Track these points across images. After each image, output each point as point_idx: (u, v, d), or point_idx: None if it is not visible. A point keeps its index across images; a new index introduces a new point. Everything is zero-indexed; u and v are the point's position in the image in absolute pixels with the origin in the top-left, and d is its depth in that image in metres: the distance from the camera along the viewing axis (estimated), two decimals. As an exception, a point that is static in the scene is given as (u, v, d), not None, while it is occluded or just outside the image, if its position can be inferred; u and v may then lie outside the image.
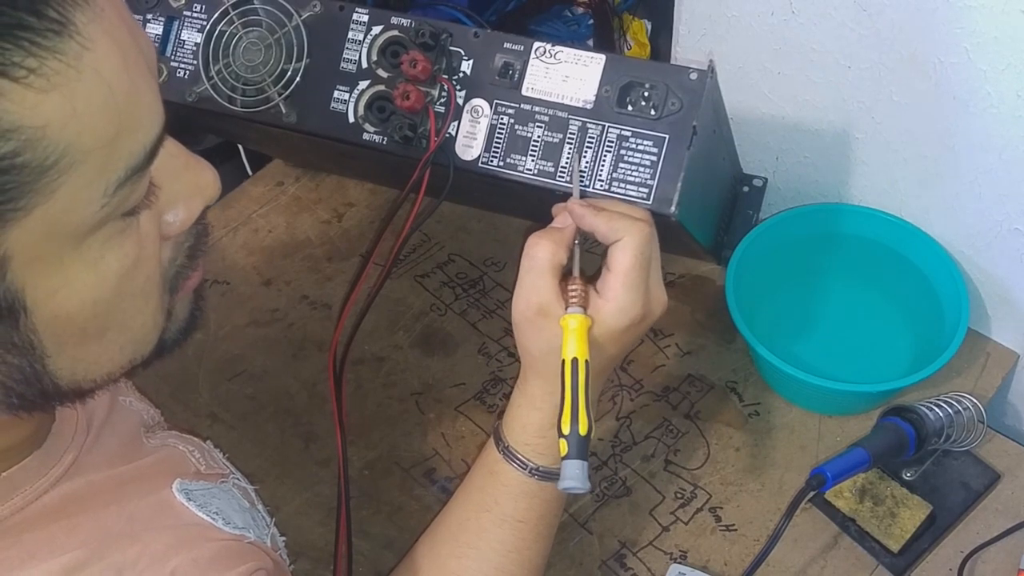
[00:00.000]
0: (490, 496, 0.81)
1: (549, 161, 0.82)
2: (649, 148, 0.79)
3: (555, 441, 0.75)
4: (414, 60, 0.82)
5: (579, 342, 0.73)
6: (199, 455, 0.76)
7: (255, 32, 0.86)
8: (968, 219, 1.05)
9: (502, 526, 0.80)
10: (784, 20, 1.03)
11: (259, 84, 0.86)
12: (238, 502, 0.74)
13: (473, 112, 0.83)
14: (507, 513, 0.80)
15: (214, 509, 0.70)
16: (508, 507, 0.80)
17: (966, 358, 1.09)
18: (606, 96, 0.80)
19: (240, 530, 0.70)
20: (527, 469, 0.79)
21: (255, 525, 0.73)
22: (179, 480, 0.70)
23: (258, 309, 1.21)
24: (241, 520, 0.71)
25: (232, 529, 0.69)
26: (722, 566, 0.99)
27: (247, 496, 0.77)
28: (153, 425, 0.79)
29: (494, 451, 0.81)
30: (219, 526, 0.68)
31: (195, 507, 0.69)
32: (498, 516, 0.80)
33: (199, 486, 0.72)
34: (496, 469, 0.80)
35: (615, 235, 0.74)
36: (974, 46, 0.92)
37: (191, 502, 0.69)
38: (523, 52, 0.82)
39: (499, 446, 0.80)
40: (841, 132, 1.08)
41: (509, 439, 0.80)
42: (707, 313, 1.16)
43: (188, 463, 0.74)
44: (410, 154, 0.84)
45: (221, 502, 0.71)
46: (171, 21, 0.89)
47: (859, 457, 0.94)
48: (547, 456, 0.79)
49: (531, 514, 0.80)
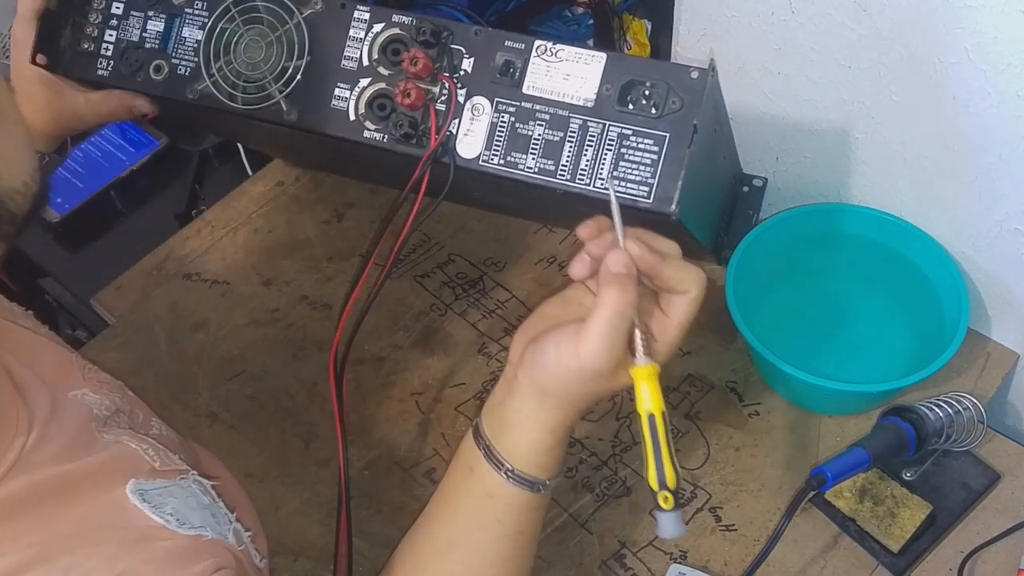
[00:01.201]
0: (490, 517, 0.78)
1: (550, 159, 0.82)
2: (650, 147, 0.79)
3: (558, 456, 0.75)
4: (415, 58, 0.82)
5: (656, 394, 0.70)
6: (153, 453, 0.74)
7: (256, 29, 0.86)
8: (968, 219, 1.05)
9: (502, 540, 0.79)
10: (784, 20, 1.03)
11: (260, 82, 0.86)
12: (196, 499, 0.73)
13: (474, 110, 0.83)
14: (510, 528, 0.78)
15: (169, 510, 0.68)
16: (511, 523, 0.78)
17: (966, 358, 1.09)
18: (607, 94, 0.80)
19: (197, 529, 0.68)
20: (535, 486, 0.77)
21: (215, 522, 0.72)
22: (133, 481, 0.68)
23: (258, 309, 1.21)
24: (199, 518, 0.70)
25: (187, 530, 0.68)
26: (722, 566, 0.99)
27: (207, 493, 0.75)
28: (109, 416, 0.77)
29: (492, 474, 0.76)
30: (172, 528, 0.67)
31: (149, 509, 0.67)
32: (499, 533, 0.78)
33: (155, 485, 0.70)
34: (497, 492, 0.77)
35: (682, 287, 0.72)
36: (974, 46, 0.92)
37: (145, 503, 0.67)
38: (524, 50, 0.82)
39: (501, 470, 0.76)
40: (841, 132, 1.08)
41: (515, 463, 0.76)
42: (707, 313, 1.15)
43: (142, 461, 0.72)
44: (411, 152, 0.84)
45: (178, 501, 0.70)
46: (172, 18, 0.89)
47: (859, 457, 0.94)
48: (552, 468, 0.77)
49: (534, 524, 0.79)
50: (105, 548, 0.63)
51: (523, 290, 1.21)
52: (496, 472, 0.76)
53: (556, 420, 0.74)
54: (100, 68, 0.91)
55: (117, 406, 0.79)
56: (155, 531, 0.66)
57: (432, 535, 0.81)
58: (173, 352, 1.18)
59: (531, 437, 0.75)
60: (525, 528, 0.79)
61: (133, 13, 0.90)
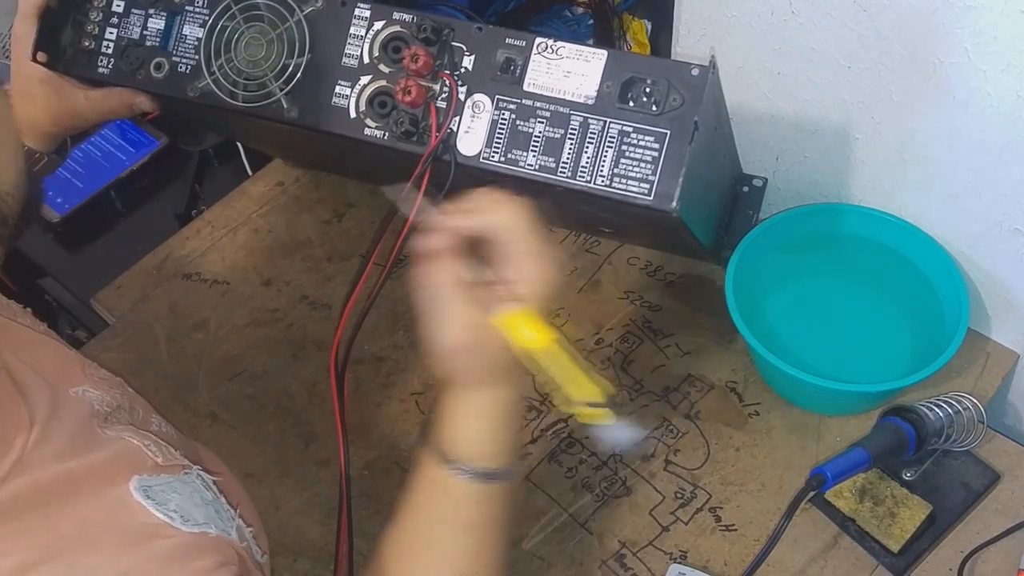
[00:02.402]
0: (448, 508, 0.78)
1: (551, 157, 0.81)
2: (650, 144, 0.79)
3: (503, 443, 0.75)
4: (416, 55, 0.82)
5: (536, 327, 0.71)
6: (155, 448, 0.74)
7: (257, 27, 0.86)
8: (968, 219, 1.05)
9: (467, 533, 0.78)
10: (784, 20, 1.03)
11: (261, 79, 0.86)
12: (200, 495, 0.73)
13: (475, 107, 0.83)
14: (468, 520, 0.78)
15: (173, 507, 0.68)
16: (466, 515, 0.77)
17: (966, 358, 1.09)
18: (608, 92, 0.80)
19: (201, 526, 0.68)
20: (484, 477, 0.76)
21: (219, 518, 0.72)
22: (137, 477, 0.68)
23: (258, 309, 1.21)
24: (203, 515, 0.70)
25: (191, 527, 0.68)
26: (722, 566, 0.99)
27: (210, 488, 0.75)
28: (110, 412, 0.77)
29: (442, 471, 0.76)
30: (176, 526, 0.67)
31: (152, 506, 0.67)
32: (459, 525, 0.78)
33: (159, 481, 0.70)
34: (450, 484, 0.76)
35: (493, 222, 0.71)
36: (974, 46, 0.92)
37: (149, 500, 0.67)
38: (525, 48, 0.82)
39: (450, 466, 0.76)
40: (841, 132, 1.09)
41: (457, 455, 0.76)
42: (707, 313, 1.16)
43: (144, 457, 0.72)
44: (411, 150, 0.84)
45: (182, 497, 0.70)
46: (173, 16, 0.89)
47: (859, 457, 0.94)
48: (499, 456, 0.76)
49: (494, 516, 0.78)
50: (109, 547, 0.63)
51: (523, 290, 1.21)
52: (444, 469, 0.76)
53: (477, 405, 0.75)
54: (101, 66, 0.91)
55: (118, 402, 0.79)
56: (159, 529, 0.66)
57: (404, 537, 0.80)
58: (173, 352, 1.18)
59: (463, 426, 0.75)
60: (484, 521, 0.78)
61: (134, 11, 0.90)
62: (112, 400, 0.78)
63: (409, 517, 0.79)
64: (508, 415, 0.76)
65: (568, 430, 1.09)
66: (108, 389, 0.80)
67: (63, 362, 0.80)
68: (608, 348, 1.15)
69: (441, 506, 0.78)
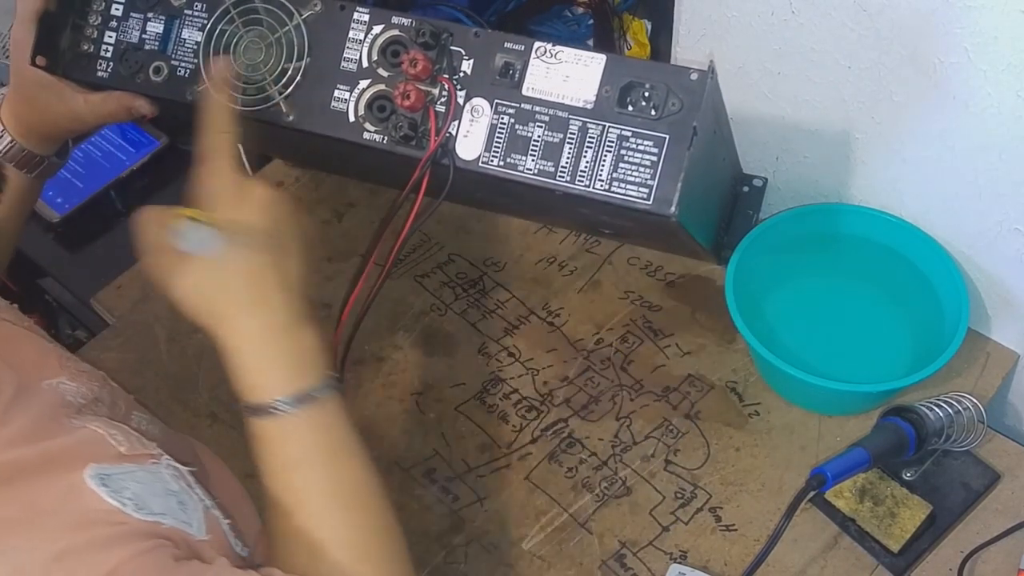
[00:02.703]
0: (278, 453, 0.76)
1: (550, 161, 0.81)
2: (649, 148, 0.79)
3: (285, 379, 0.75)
4: (415, 60, 0.82)
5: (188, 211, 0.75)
6: (121, 437, 0.72)
7: (256, 31, 0.86)
8: (968, 219, 1.05)
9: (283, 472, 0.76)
10: (784, 20, 1.03)
11: (260, 83, 0.86)
12: (164, 485, 0.71)
13: (473, 112, 0.83)
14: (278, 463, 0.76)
15: (128, 495, 0.67)
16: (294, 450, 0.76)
17: (966, 358, 1.09)
18: (606, 96, 0.80)
19: (155, 516, 0.67)
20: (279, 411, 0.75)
21: (180, 509, 0.70)
22: (94, 465, 0.67)
23: (258, 309, 1.21)
24: (161, 505, 0.68)
25: (144, 515, 0.66)
26: (722, 566, 0.99)
27: (180, 479, 0.74)
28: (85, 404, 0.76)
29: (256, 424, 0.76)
30: (128, 512, 0.65)
31: (107, 493, 0.66)
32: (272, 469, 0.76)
33: (119, 469, 0.69)
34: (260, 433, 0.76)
35: None
36: (974, 46, 0.92)
37: (104, 487, 0.66)
38: (524, 52, 0.82)
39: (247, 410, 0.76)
40: (841, 132, 1.08)
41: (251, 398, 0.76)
42: (707, 313, 1.17)
43: (107, 446, 0.71)
44: (410, 153, 0.84)
45: (141, 486, 0.69)
46: (172, 20, 0.89)
47: (859, 457, 0.94)
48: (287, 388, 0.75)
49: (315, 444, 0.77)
50: (50, 531, 0.62)
51: (523, 290, 1.21)
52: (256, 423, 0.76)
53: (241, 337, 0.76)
54: (100, 69, 0.91)
55: (95, 395, 0.79)
56: (108, 515, 0.65)
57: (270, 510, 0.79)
58: (173, 352, 1.18)
59: (237, 367, 0.76)
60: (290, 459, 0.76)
61: (133, 15, 0.90)
62: (88, 392, 0.78)
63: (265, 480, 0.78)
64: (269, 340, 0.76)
65: (568, 430, 1.09)
66: (86, 382, 0.79)
67: (40, 355, 0.79)
68: (608, 348, 1.15)
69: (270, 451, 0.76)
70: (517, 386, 1.13)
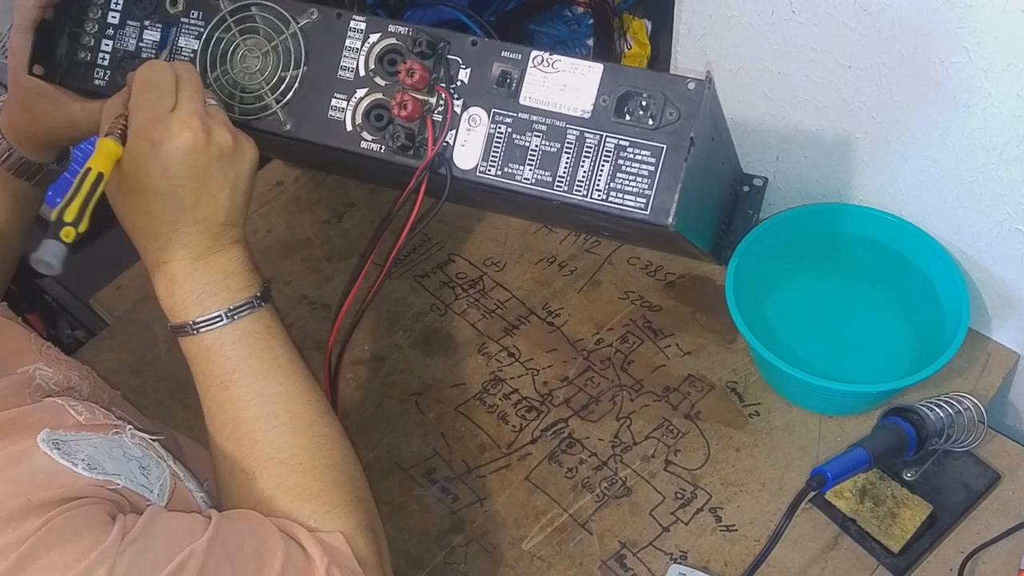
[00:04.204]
0: (209, 373, 0.79)
1: (547, 171, 0.81)
2: (647, 158, 0.79)
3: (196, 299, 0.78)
4: (411, 70, 0.81)
5: (101, 154, 0.75)
6: (82, 408, 0.73)
7: (252, 39, 0.86)
8: (968, 219, 1.05)
9: (212, 390, 0.79)
10: (784, 20, 1.02)
11: (257, 91, 0.86)
12: (123, 451, 0.71)
13: (471, 121, 0.83)
14: (213, 379, 0.79)
15: (81, 456, 0.67)
16: (219, 368, 0.78)
17: (967, 358, 1.09)
18: (604, 105, 0.80)
19: (108, 475, 0.67)
20: (204, 326, 0.78)
21: (143, 474, 0.71)
22: (48, 431, 0.68)
23: (258, 309, 1.21)
24: (116, 467, 0.69)
25: (96, 474, 0.66)
26: (722, 566, 0.99)
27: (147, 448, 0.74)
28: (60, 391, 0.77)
29: (183, 343, 0.80)
30: (79, 471, 0.66)
31: (59, 455, 0.66)
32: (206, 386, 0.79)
33: (74, 436, 0.69)
34: (191, 352, 0.79)
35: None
36: (974, 46, 0.91)
37: (56, 450, 0.66)
38: (521, 61, 0.82)
39: (178, 330, 0.79)
40: (841, 132, 1.08)
41: (179, 318, 0.79)
42: (707, 313, 1.16)
43: (65, 415, 0.72)
44: (408, 163, 0.84)
45: (96, 450, 0.69)
46: (168, 28, 0.88)
47: (860, 457, 0.94)
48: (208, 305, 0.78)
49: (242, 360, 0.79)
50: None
51: (523, 290, 1.21)
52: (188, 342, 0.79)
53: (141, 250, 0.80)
54: (97, 78, 0.91)
55: (72, 383, 0.79)
56: (54, 476, 0.65)
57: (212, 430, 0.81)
58: (173, 352, 1.18)
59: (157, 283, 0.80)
60: (217, 376, 0.79)
61: (129, 23, 0.90)
62: (65, 380, 0.79)
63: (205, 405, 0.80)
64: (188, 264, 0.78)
65: (568, 430, 1.09)
66: (64, 371, 0.80)
67: (18, 344, 0.81)
68: (608, 348, 1.15)
69: (201, 372, 0.79)
70: (517, 386, 1.13)
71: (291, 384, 0.80)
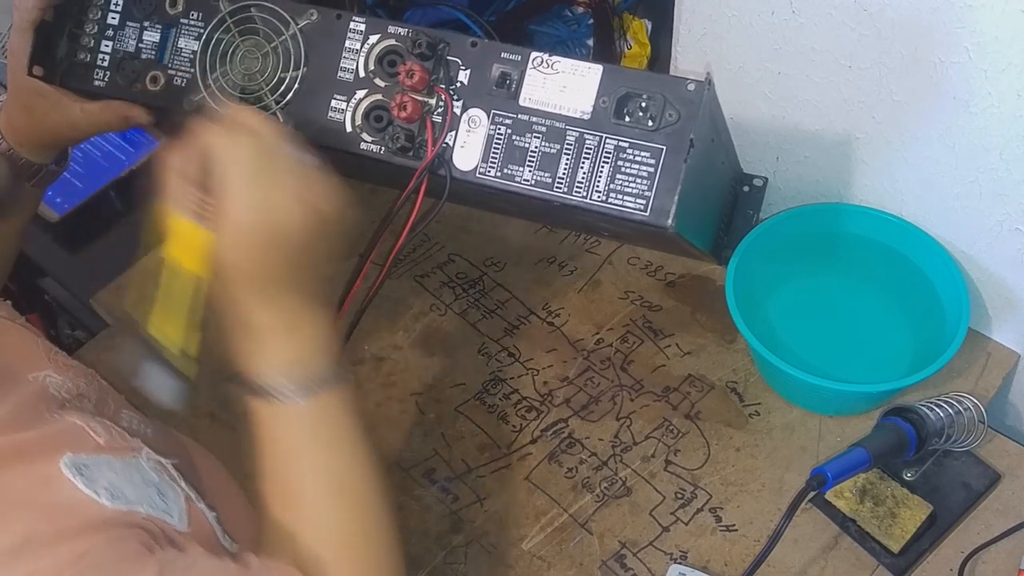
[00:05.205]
0: (276, 437, 0.75)
1: (547, 172, 0.81)
2: (646, 159, 0.79)
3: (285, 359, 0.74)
4: (411, 71, 0.81)
5: (189, 247, 0.71)
6: (101, 430, 0.72)
7: (252, 40, 0.86)
8: (969, 219, 1.05)
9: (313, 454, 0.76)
10: (784, 20, 1.02)
11: (256, 92, 0.86)
12: (142, 475, 0.71)
13: (470, 122, 0.83)
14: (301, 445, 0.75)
15: (103, 484, 0.66)
16: (295, 439, 0.75)
17: (967, 358, 1.09)
18: (603, 107, 0.80)
19: (130, 504, 0.66)
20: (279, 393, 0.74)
21: (160, 500, 0.69)
22: (70, 454, 0.67)
23: (259, 309, 1.21)
24: (136, 494, 0.68)
25: (119, 504, 0.65)
26: (722, 566, 0.99)
27: (162, 471, 0.73)
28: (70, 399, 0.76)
29: (256, 404, 0.75)
30: (102, 501, 0.65)
31: (82, 482, 0.65)
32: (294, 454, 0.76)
33: (96, 460, 0.68)
34: (264, 415, 0.75)
35: (205, 145, 0.71)
36: (974, 46, 0.91)
37: (80, 477, 0.65)
38: (520, 62, 0.81)
39: (257, 394, 0.75)
40: (841, 132, 1.08)
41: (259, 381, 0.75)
42: (707, 313, 1.16)
43: (85, 438, 0.71)
44: (407, 164, 0.84)
45: (118, 476, 0.68)
46: (168, 29, 0.88)
47: (860, 457, 0.94)
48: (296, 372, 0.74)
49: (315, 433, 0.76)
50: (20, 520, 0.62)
51: (523, 290, 1.21)
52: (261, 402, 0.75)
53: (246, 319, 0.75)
54: (97, 79, 0.91)
55: (81, 390, 0.78)
56: (79, 505, 0.64)
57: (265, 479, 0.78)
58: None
59: (246, 337, 0.76)
60: (289, 445, 0.76)
61: (129, 24, 0.90)
62: (74, 387, 0.78)
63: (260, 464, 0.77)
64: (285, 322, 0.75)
65: (568, 430, 1.09)
66: (73, 377, 0.79)
67: (27, 347, 0.80)
68: (608, 348, 1.15)
69: (270, 437, 0.76)
70: (517, 386, 1.13)
71: (356, 466, 0.77)
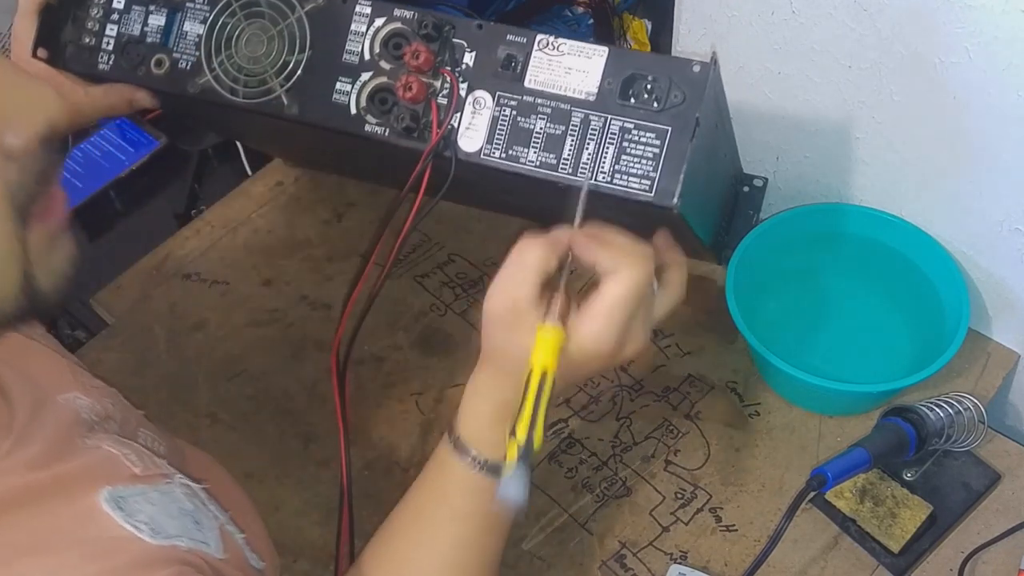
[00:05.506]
0: (440, 490, 0.80)
1: (552, 153, 0.81)
2: (652, 140, 0.79)
3: (502, 437, 0.74)
4: (417, 52, 0.82)
5: (550, 354, 0.71)
6: (135, 458, 0.72)
7: (257, 23, 0.86)
8: (968, 219, 1.05)
9: (454, 522, 0.79)
10: (784, 20, 1.03)
11: (261, 76, 0.86)
12: (178, 505, 0.71)
13: (475, 104, 0.83)
14: (457, 508, 0.79)
15: (143, 518, 0.66)
16: (458, 502, 0.79)
17: (967, 358, 1.09)
18: (609, 88, 0.80)
19: (171, 539, 0.66)
20: (475, 462, 0.77)
21: (196, 528, 0.70)
22: (109, 489, 0.67)
23: (258, 309, 1.21)
24: (176, 527, 0.68)
25: (161, 539, 0.66)
26: (722, 566, 0.98)
27: (193, 497, 0.74)
28: (98, 421, 0.76)
29: (446, 442, 0.80)
30: (144, 538, 0.65)
31: (122, 517, 0.65)
32: (449, 510, 0.79)
33: (133, 491, 0.68)
34: (447, 461, 0.79)
35: (614, 266, 0.72)
36: (974, 46, 0.92)
37: (120, 511, 0.65)
38: (526, 44, 0.82)
39: (451, 437, 0.79)
40: (842, 132, 1.09)
41: (460, 430, 0.79)
42: (707, 313, 1.16)
43: (121, 467, 0.71)
44: (412, 146, 0.84)
45: (156, 508, 0.68)
46: (174, 12, 0.89)
47: (860, 457, 0.94)
48: (495, 450, 0.77)
49: (480, 509, 0.79)
50: (66, 557, 0.61)
51: (523, 290, 1.20)
52: (447, 440, 0.79)
53: (488, 382, 0.78)
54: (101, 62, 0.91)
55: (107, 412, 0.78)
56: (124, 542, 0.64)
57: (403, 505, 0.83)
58: (173, 352, 1.18)
59: (473, 402, 0.80)
60: (475, 512, 0.79)
61: (134, 7, 0.90)
62: (102, 409, 0.78)
63: (411, 492, 0.82)
64: None
65: (568, 430, 1.09)
66: (99, 398, 0.79)
67: (54, 368, 0.79)
68: (608, 348, 1.14)
69: (438, 485, 0.80)
70: (517, 386, 1.12)
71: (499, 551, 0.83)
